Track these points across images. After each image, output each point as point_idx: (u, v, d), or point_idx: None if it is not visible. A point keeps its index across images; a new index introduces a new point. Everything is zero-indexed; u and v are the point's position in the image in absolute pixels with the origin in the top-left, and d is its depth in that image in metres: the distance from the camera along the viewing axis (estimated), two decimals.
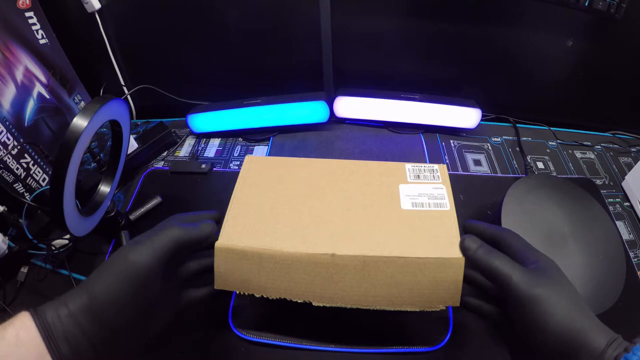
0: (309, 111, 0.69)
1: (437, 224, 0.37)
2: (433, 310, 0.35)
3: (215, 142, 0.71)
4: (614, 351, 0.25)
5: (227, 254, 0.36)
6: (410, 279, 0.35)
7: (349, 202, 0.40)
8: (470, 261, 0.33)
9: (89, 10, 0.66)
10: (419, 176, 0.43)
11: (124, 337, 0.30)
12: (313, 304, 0.36)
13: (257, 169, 0.44)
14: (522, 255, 0.32)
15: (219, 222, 0.38)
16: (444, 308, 0.35)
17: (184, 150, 0.70)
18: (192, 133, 0.72)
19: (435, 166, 0.44)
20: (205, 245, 0.36)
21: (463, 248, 0.34)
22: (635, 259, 0.55)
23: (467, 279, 0.35)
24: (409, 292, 0.35)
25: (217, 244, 0.36)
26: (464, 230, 0.37)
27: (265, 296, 0.36)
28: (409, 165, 0.44)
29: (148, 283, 0.31)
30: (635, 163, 0.65)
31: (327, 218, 0.38)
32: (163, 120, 0.72)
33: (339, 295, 0.36)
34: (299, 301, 0.36)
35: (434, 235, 0.36)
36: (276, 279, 0.36)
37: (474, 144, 0.71)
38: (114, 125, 0.45)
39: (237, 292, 0.37)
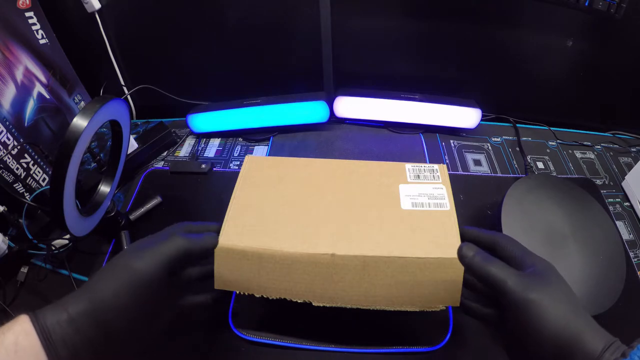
0: (309, 111, 0.69)
1: (437, 224, 0.37)
2: (433, 310, 0.36)
3: (215, 142, 0.71)
4: (610, 355, 0.25)
5: (227, 254, 0.36)
6: (410, 279, 0.35)
7: (349, 202, 0.40)
8: (467, 268, 0.33)
9: (89, 10, 0.66)
10: (418, 176, 0.43)
11: (124, 342, 0.30)
12: (313, 304, 0.36)
13: (257, 169, 0.44)
14: (519, 259, 0.32)
15: (219, 233, 0.38)
16: (444, 308, 0.35)
17: (184, 150, 0.70)
18: (192, 133, 0.72)
19: (435, 166, 0.44)
20: (207, 255, 0.36)
21: (460, 256, 0.34)
22: (635, 259, 0.55)
23: (466, 284, 0.35)
24: (409, 292, 0.35)
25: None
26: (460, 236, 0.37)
27: (265, 296, 0.36)
28: (409, 165, 0.44)
29: (150, 290, 0.31)
30: (635, 163, 0.65)
31: (327, 218, 0.38)
32: (163, 120, 0.72)
33: (339, 295, 0.36)
34: (299, 301, 0.36)
35: (434, 236, 0.36)
36: (276, 278, 0.36)
37: (474, 144, 0.71)
38: (114, 125, 0.45)
39: (237, 292, 0.37)
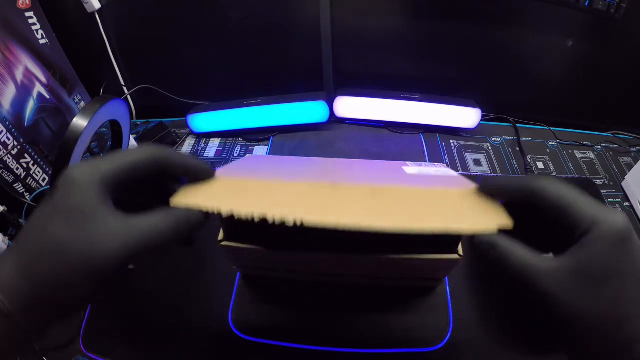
0: (309, 111, 0.69)
1: (449, 179, 0.35)
2: (477, 233, 0.25)
3: (215, 142, 0.71)
4: None
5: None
6: (435, 202, 0.28)
7: (351, 175, 0.39)
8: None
9: (89, 10, 0.66)
10: (420, 166, 0.43)
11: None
12: (304, 219, 0.24)
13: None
14: (566, 219, 0.23)
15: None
16: (494, 232, 0.25)
17: (184, 150, 0.70)
18: (192, 133, 0.72)
19: (436, 164, 0.44)
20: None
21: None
22: None
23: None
24: (436, 207, 0.27)
25: None
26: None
27: (236, 215, 0.25)
28: (409, 163, 0.44)
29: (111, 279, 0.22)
30: (635, 163, 0.65)
31: (327, 182, 0.32)
32: (163, 120, 0.72)
33: (340, 209, 0.27)
34: (284, 221, 0.24)
35: (449, 180, 0.33)
36: (258, 196, 0.28)
37: (474, 144, 0.71)
38: (114, 125, 0.45)
39: (206, 210, 0.26)
